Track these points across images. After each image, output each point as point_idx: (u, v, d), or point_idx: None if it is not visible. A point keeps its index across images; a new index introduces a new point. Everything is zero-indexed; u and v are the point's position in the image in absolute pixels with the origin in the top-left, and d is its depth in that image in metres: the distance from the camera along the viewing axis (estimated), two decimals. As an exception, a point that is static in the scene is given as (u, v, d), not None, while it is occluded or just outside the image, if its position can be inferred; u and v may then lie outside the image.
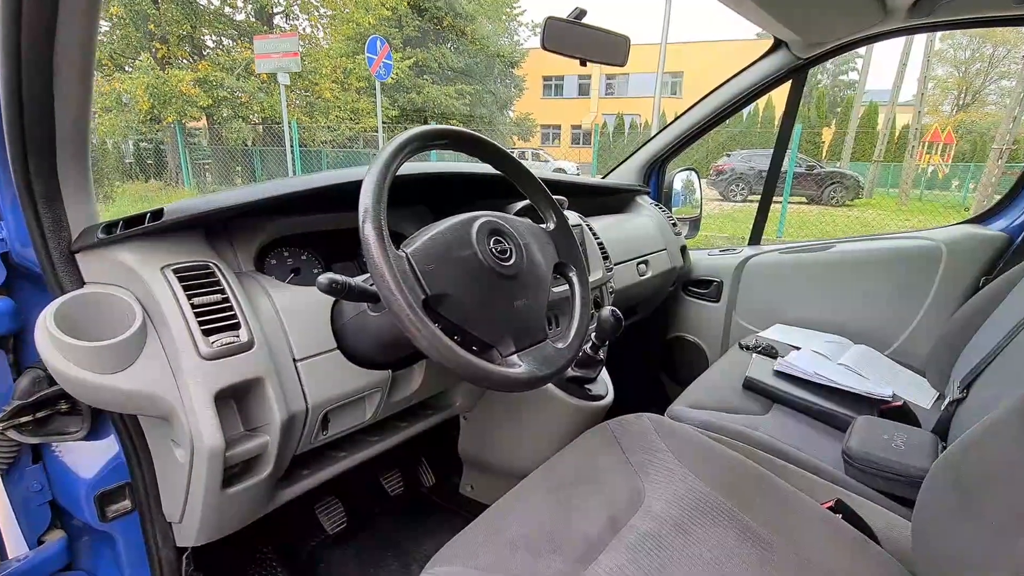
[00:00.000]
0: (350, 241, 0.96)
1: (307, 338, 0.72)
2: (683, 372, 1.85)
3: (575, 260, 0.80)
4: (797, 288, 1.60)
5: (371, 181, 0.59)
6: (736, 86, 1.59)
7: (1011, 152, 10.26)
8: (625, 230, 1.54)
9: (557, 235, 0.80)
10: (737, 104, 1.61)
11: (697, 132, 1.69)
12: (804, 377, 1.13)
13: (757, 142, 16.47)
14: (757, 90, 1.57)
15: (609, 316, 0.95)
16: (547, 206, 0.81)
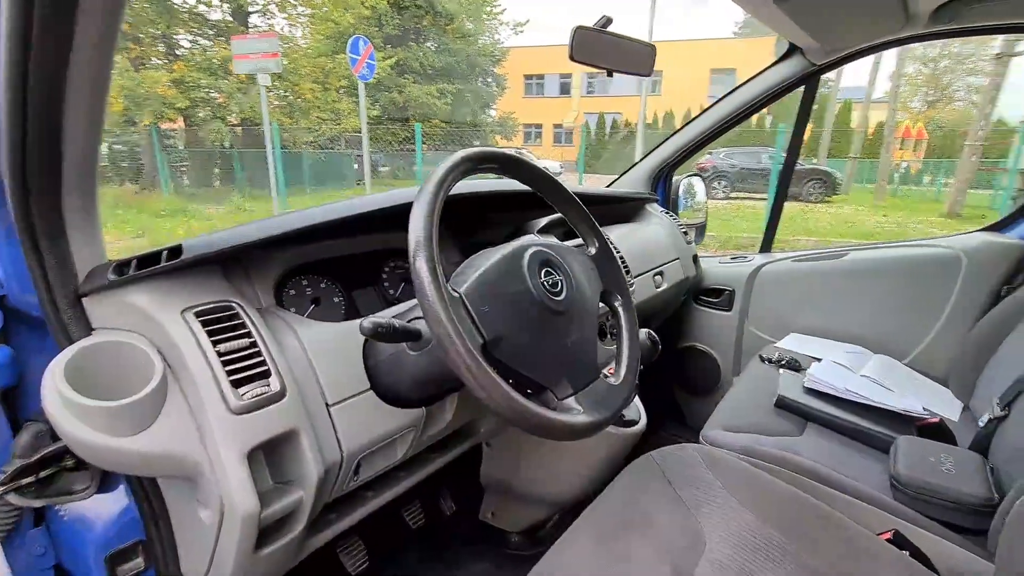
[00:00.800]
0: (369, 265, 0.90)
1: (339, 380, 0.66)
2: (697, 384, 1.82)
3: (621, 288, 0.76)
4: (811, 297, 1.58)
5: (422, 209, 0.53)
6: (748, 92, 1.57)
7: (983, 148, 10.56)
8: (640, 240, 1.50)
9: (601, 260, 0.75)
10: (749, 110, 1.59)
11: (708, 138, 1.67)
12: (836, 394, 1.11)
13: (738, 140, 16.68)
14: (769, 96, 1.55)
15: (645, 339, 0.91)
16: (589, 229, 0.76)
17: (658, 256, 1.52)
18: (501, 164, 0.65)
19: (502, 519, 1.22)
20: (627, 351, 0.71)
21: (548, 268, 0.64)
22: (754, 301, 1.67)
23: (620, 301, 0.75)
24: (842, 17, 1.16)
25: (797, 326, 1.58)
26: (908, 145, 17.86)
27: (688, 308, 1.80)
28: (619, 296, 0.75)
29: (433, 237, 0.53)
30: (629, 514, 0.74)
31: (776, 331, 1.61)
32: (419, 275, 0.50)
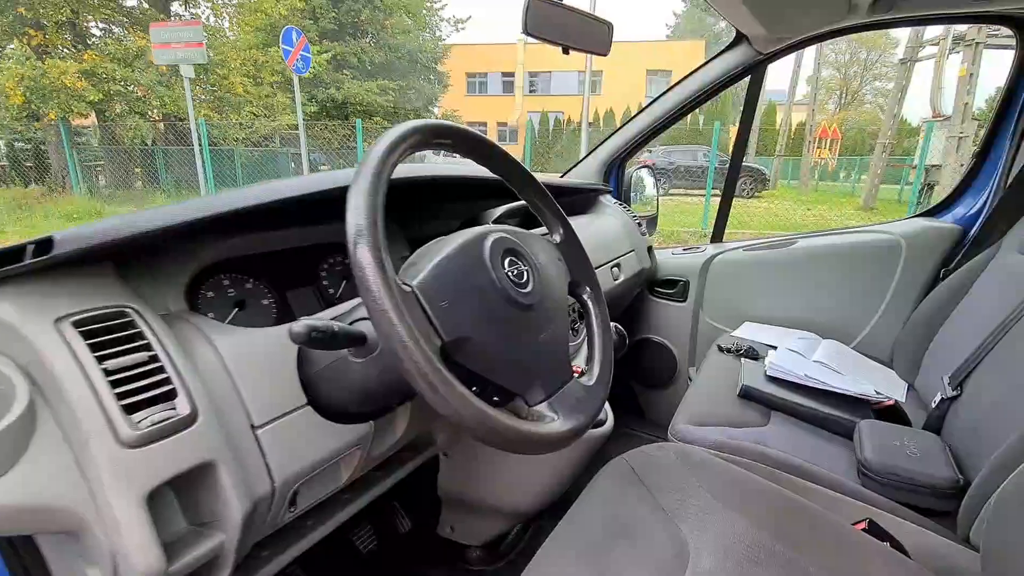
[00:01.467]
0: (305, 262, 0.79)
1: (268, 397, 0.56)
2: (653, 376, 1.81)
3: (590, 278, 0.69)
4: (763, 285, 1.60)
5: (362, 188, 0.44)
6: (695, 82, 1.56)
7: (892, 146, 11.48)
8: (596, 232, 1.45)
9: (567, 249, 0.69)
10: (697, 100, 1.58)
11: (657, 128, 1.65)
12: (796, 381, 1.10)
13: (675, 139, 17.30)
14: (717, 86, 1.54)
15: (613, 333, 0.85)
16: (553, 215, 0.69)
17: (615, 248, 1.48)
18: (456, 140, 0.57)
19: (463, 533, 1.13)
20: (600, 347, 0.65)
21: (512, 257, 0.56)
22: (708, 291, 1.67)
23: (589, 292, 0.69)
24: (790, 2, 1.16)
25: (751, 314, 1.59)
26: (825, 144, 19.18)
27: (643, 300, 1.78)
28: (588, 287, 0.69)
29: (378, 222, 0.44)
30: (609, 524, 0.68)
31: (731, 320, 1.62)
32: (361, 266, 0.41)
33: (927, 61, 10.30)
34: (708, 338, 1.67)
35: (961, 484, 0.78)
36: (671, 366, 1.76)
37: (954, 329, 1.13)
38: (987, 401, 0.86)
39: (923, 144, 8.37)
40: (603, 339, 0.66)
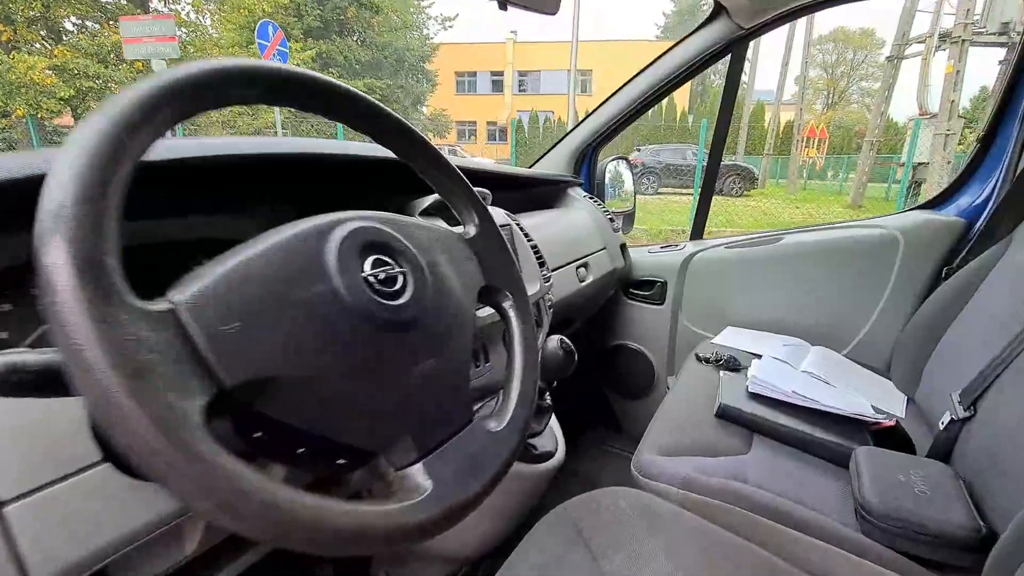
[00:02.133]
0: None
1: (24, 459, 0.39)
2: (629, 384, 1.65)
3: (511, 282, 0.53)
4: (746, 285, 1.45)
5: (76, 154, 0.27)
6: (672, 61, 1.41)
7: (880, 144, 11.47)
8: (561, 228, 1.30)
9: (481, 244, 0.52)
10: (674, 80, 1.42)
11: (631, 113, 1.49)
12: (783, 399, 0.95)
13: (664, 137, 17.25)
14: (696, 64, 1.39)
15: (557, 350, 0.70)
16: (466, 202, 0.53)
17: (582, 246, 1.33)
18: (306, 95, 0.40)
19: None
20: (519, 375, 0.49)
21: (380, 256, 0.40)
22: (687, 293, 1.52)
23: (511, 301, 0.53)
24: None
25: (734, 318, 1.44)
26: (813, 143, 19.25)
27: (617, 303, 1.63)
28: (509, 294, 0.53)
29: (109, 208, 0.27)
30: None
31: (712, 325, 1.47)
32: (48, 273, 0.24)
33: (914, 59, 10.28)
34: (688, 344, 1.52)
35: (984, 533, 0.63)
36: (648, 375, 1.61)
37: (960, 335, 0.99)
38: (1008, 424, 0.72)
39: (911, 141, 8.32)
40: (524, 364, 0.50)
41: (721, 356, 1.17)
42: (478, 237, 0.53)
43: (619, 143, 17.45)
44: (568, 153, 1.58)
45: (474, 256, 0.51)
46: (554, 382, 0.74)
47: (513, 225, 0.97)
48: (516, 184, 1.35)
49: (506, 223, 0.96)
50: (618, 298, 1.63)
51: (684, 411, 0.98)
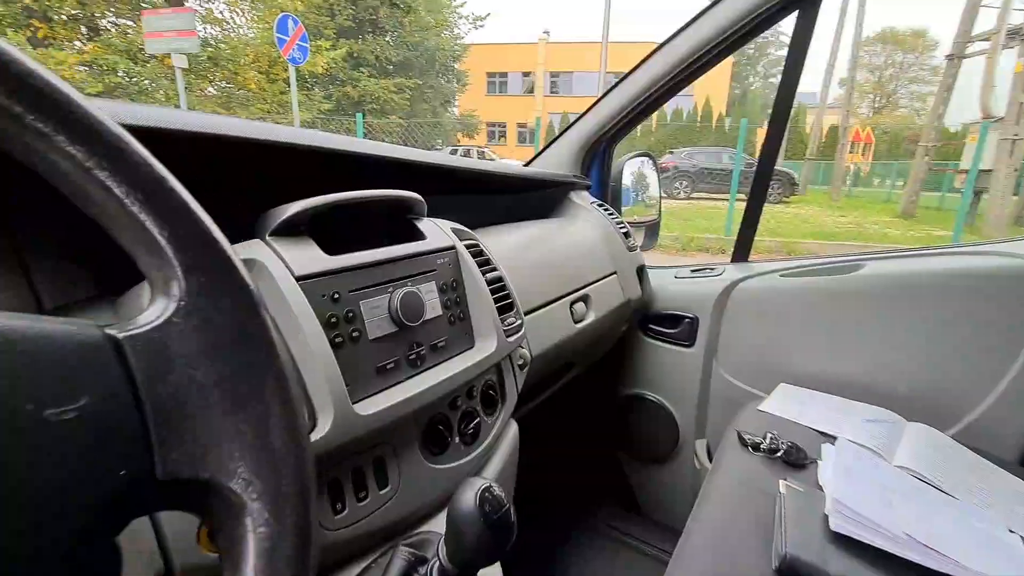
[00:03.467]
0: None
1: None
2: (647, 446, 1.29)
3: (256, 444, 0.19)
4: (809, 328, 1.07)
5: None
6: (710, 26, 1.04)
7: (934, 150, 10.64)
8: (551, 248, 0.95)
9: (180, 342, 0.18)
10: (714, 52, 1.06)
11: (656, 95, 1.13)
12: (893, 551, 0.58)
13: (698, 141, 16.58)
14: (744, 27, 1.02)
15: (472, 512, 0.36)
16: (162, 228, 0.19)
17: (583, 271, 0.98)
18: None
19: None
20: None
21: None
22: (726, 333, 1.15)
23: (249, 490, 0.19)
24: None
25: (789, 372, 1.06)
26: (858, 148, 18.25)
27: (633, 341, 1.27)
28: (244, 478, 0.19)
29: None
30: None
31: (758, 378, 1.10)
32: None
33: (976, 58, 9.47)
34: (724, 399, 1.15)
35: None
36: (671, 435, 1.24)
37: None
38: None
39: (977, 146, 7.62)
40: None
41: (777, 442, 0.80)
42: (173, 329, 0.19)
43: (642, 147, 16.92)
44: (574, 147, 1.23)
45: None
46: (477, 569, 0.40)
47: (460, 248, 0.63)
48: (500, 186, 1.01)
49: (447, 245, 0.61)
50: (634, 336, 1.26)
51: (726, 541, 0.62)
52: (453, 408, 0.59)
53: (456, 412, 0.60)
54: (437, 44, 18.98)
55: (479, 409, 0.63)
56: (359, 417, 0.44)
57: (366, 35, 17.49)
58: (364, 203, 0.54)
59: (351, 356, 0.47)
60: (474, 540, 0.36)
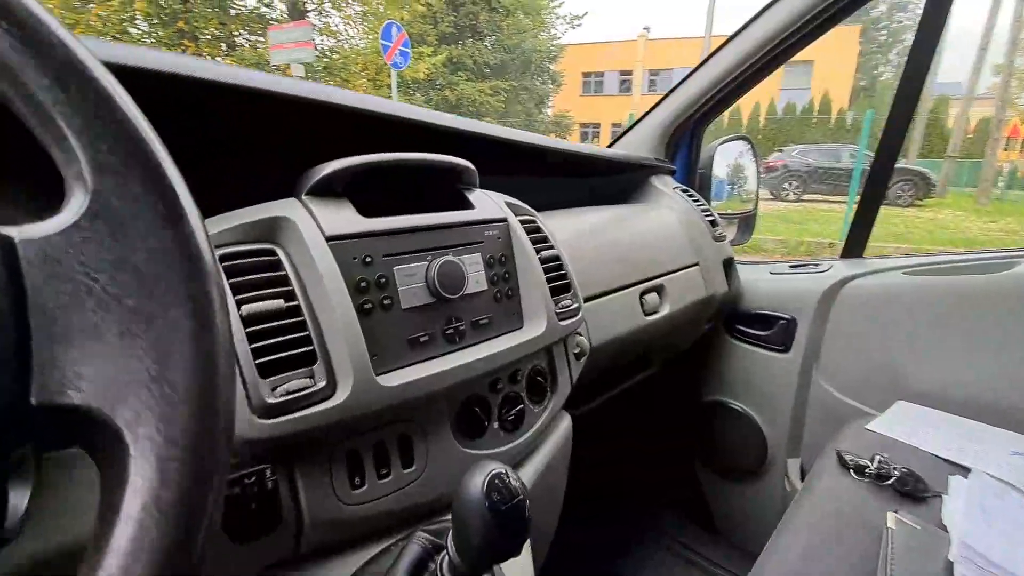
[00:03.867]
0: None
1: None
2: (729, 461, 1.16)
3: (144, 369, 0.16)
4: (937, 336, 0.89)
5: None
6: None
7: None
8: (623, 233, 0.87)
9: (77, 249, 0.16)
10: (820, 19, 0.92)
11: (756, 68, 1.01)
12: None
13: (813, 137, 15.12)
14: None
15: (479, 499, 0.31)
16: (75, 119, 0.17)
17: (658, 260, 0.89)
18: None
19: None
20: None
21: None
22: (831, 338, 1.00)
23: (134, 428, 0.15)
24: None
25: (909, 388, 0.89)
26: (1015, 145, 15.63)
27: (718, 342, 1.15)
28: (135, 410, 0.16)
29: None
30: None
31: (868, 392, 0.94)
32: None
33: None
34: (824, 416, 1.00)
35: None
36: (758, 450, 1.10)
37: None
38: None
39: None
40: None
41: (888, 467, 0.66)
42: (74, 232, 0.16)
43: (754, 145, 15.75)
44: (657, 130, 1.13)
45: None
46: (483, 569, 0.34)
47: (512, 221, 0.58)
48: (574, 166, 0.95)
49: (497, 217, 0.57)
50: (719, 336, 1.14)
51: (811, 574, 0.52)
52: (494, 391, 0.55)
53: (497, 396, 0.55)
54: (533, 46, 19.15)
55: (524, 396, 0.58)
56: (381, 388, 0.41)
57: (465, 40, 18.08)
58: (407, 166, 0.51)
59: (380, 324, 0.44)
60: (480, 533, 0.31)
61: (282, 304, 0.39)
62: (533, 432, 0.58)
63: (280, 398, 0.36)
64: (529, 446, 0.59)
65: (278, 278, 0.40)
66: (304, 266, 0.41)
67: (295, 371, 0.38)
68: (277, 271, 0.41)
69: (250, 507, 0.36)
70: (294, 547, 0.41)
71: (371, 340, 0.42)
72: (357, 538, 0.45)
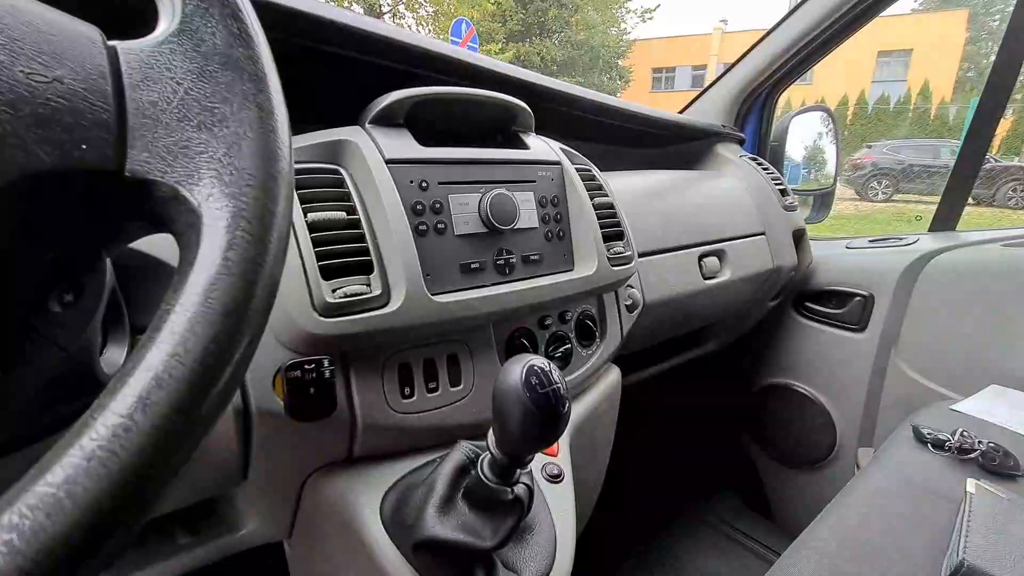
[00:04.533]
0: None
1: None
2: (792, 448, 1.10)
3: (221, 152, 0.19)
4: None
5: None
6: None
7: None
8: (685, 195, 0.85)
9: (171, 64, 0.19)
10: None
11: (839, 28, 0.94)
12: None
13: (908, 132, 13.86)
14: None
15: (517, 384, 0.32)
16: None
17: (721, 225, 0.86)
18: None
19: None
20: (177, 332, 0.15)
21: None
22: (913, 316, 0.92)
23: (201, 198, 0.18)
24: None
25: (1005, 371, 0.81)
26: None
27: (785, 320, 1.09)
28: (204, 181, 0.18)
29: None
30: None
31: (955, 376, 0.86)
32: None
33: None
34: (903, 401, 0.92)
35: None
36: (826, 438, 1.03)
37: None
38: None
39: None
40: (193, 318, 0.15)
41: (972, 441, 0.60)
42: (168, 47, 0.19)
43: (842, 141, 14.68)
44: (727, 98, 1.09)
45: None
46: (523, 456, 0.35)
47: (566, 165, 0.58)
48: (640, 130, 0.93)
49: (552, 159, 0.58)
50: (786, 313, 1.08)
51: (876, 539, 0.48)
52: (542, 327, 0.56)
53: (545, 332, 0.56)
54: (602, 41, 18.89)
55: (572, 337, 0.58)
56: (432, 303, 0.43)
57: (533, 38, 18.13)
58: (466, 101, 0.52)
59: (434, 247, 0.46)
60: (519, 418, 0.32)
61: (343, 215, 0.42)
62: (580, 373, 0.58)
63: (339, 299, 0.39)
64: (576, 388, 0.59)
65: (341, 194, 0.43)
66: (364, 184, 0.44)
67: (354, 277, 0.41)
68: (341, 188, 0.43)
69: (308, 390, 0.39)
70: (348, 447, 0.44)
71: (425, 260, 0.44)
72: (406, 449, 0.47)
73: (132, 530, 0.14)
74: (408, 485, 0.44)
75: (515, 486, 0.37)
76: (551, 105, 0.72)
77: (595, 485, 0.69)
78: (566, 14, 17.88)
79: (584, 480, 0.62)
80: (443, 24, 14.34)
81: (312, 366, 0.39)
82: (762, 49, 1.04)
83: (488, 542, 0.36)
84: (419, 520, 0.38)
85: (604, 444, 0.67)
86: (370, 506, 0.43)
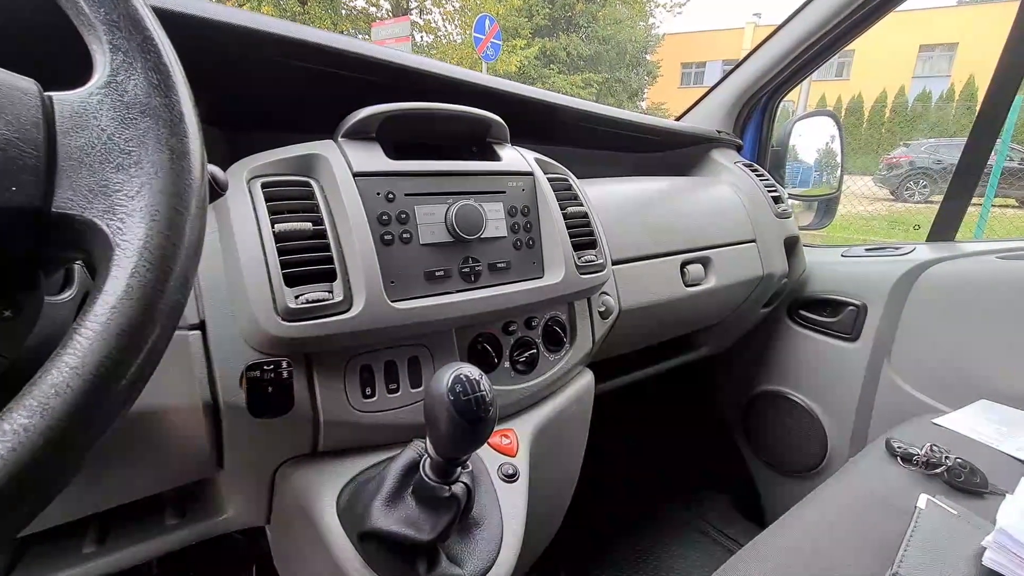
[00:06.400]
0: None
1: None
2: (785, 455, 1.10)
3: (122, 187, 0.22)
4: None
5: None
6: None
7: None
8: (670, 202, 0.86)
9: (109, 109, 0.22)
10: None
11: (845, 28, 0.93)
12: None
13: (949, 132, 13.30)
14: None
15: (443, 393, 0.34)
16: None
17: (706, 231, 0.86)
18: None
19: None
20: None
21: None
22: (906, 327, 0.91)
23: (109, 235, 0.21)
24: None
25: (995, 386, 0.79)
26: None
27: (778, 328, 1.08)
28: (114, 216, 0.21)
29: None
30: None
31: (946, 388, 0.85)
32: None
33: None
34: (893, 412, 0.92)
35: None
36: (817, 446, 1.03)
37: None
38: None
39: None
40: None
41: (939, 454, 0.60)
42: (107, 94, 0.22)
43: (872, 139, 14.15)
44: (726, 103, 1.09)
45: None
46: (455, 459, 0.38)
47: (538, 175, 0.60)
48: (631, 137, 0.94)
49: (523, 170, 0.60)
50: (780, 321, 1.08)
51: (821, 542, 0.50)
52: (507, 333, 0.58)
53: (509, 338, 0.58)
54: (630, 36, 18.62)
55: (538, 342, 0.60)
56: (390, 308, 0.46)
57: (559, 33, 17.99)
58: (437, 116, 0.55)
59: (399, 255, 0.49)
60: (446, 423, 0.34)
61: (309, 226, 0.45)
62: (546, 377, 0.61)
63: (300, 304, 0.42)
64: (543, 392, 0.61)
65: (309, 205, 0.46)
66: (332, 196, 0.47)
67: (317, 284, 0.44)
68: (309, 199, 0.46)
69: (267, 389, 0.42)
70: (312, 442, 0.48)
71: (389, 268, 0.47)
72: (368, 445, 0.50)
73: (30, 515, 0.17)
74: (364, 479, 0.47)
75: (454, 484, 0.40)
76: (530, 115, 0.74)
77: (567, 485, 0.71)
78: (593, 8, 17.68)
79: (551, 480, 0.65)
80: (468, 19, 14.37)
81: (271, 367, 0.42)
82: (763, 53, 1.03)
83: (426, 536, 0.39)
84: (366, 512, 0.41)
85: (575, 446, 0.69)
86: (328, 497, 0.46)
